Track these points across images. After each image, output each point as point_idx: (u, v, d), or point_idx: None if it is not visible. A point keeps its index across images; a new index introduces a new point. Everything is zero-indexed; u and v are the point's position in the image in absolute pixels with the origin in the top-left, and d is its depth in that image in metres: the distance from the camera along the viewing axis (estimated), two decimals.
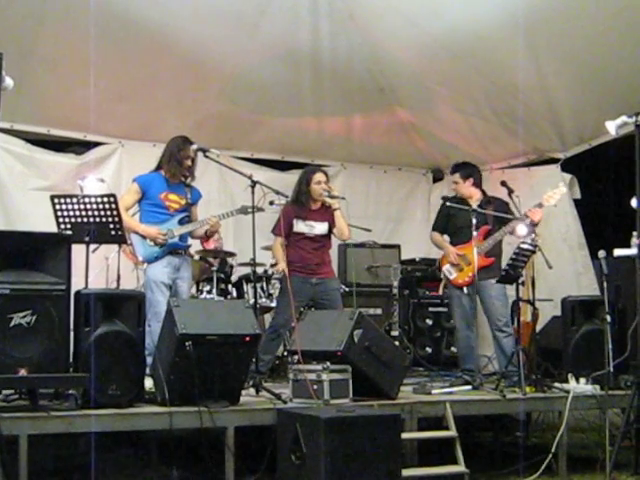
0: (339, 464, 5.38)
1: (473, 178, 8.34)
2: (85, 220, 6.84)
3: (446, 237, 8.45)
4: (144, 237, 7.46)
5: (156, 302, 7.19)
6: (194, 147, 7.49)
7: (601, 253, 7.54)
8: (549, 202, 7.99)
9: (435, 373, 9.16)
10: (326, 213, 8.16)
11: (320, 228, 8.15)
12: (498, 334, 7.98)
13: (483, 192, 8.36)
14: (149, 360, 6.39)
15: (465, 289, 8.08)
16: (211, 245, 9.56)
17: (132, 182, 7.66)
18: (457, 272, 8.13)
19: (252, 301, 7.80)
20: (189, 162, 7.62)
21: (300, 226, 8.10)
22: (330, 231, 8.22)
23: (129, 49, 8.37)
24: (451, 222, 8.35)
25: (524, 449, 6.83)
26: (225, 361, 6.03)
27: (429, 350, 10.26)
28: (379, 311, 9.99)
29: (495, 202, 8.20)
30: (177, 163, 7.57)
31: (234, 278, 9.46)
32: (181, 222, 7.59)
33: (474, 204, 8.14)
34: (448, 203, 8.20)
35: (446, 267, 8.22)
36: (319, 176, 8.17)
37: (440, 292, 8.95)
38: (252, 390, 6.71)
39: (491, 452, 7.69)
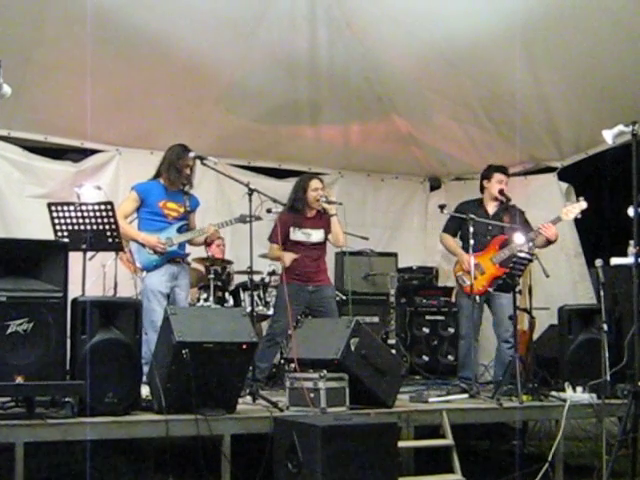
0: (335, 472, 5.37)
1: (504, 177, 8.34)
2: (82, 228, 6.84)
3: (458, 241, 8.42)
4: (143, 245, 7.48)
5: (152, 311, 7.20)
6: (192, 155, 7.51)
7: (598, 262, 7.55)
8: (568, 217, 7.95)
9: (432, 381, 9.14)
10: (321, 220, 8.19)
11: (317, 236, 8.17)
12: (504, 344, 7.98)
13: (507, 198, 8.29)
14: (146, 369, 6.38)
15: (478, 298, 8.05)
16: (214, 251, 9.58)
17: (131, 190, 7.68)
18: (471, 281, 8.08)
19: (249, 309, 7.79)
20: (188, 170, 7.65)
21: (297, 234, 8.12)
22: (326, 238, 8.25)
23: (127, 57, 8.39)
24: (464, 227, 8.18)
25: (521, 458, 6.83)
26: (222, 369, 6.03)
27: (426, 358, 10.23)
28: (376, 319, 9.97)
29: (512, 211, 8.18)
30: (176, 171, 7.59)
31: (231, 286, 9.46)
32: (180, 230, 7.62)
33: (493, 209, 8.13)
34: (472, 215, 7.92)
35: (460, 275, 8.18)
36: (315, 183, 8.20)
37: (453, 299, 8.78)
38: (249, 398, 6.71)
39: (488, 461, 7.69)
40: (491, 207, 8.26)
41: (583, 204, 8.04)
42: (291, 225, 8.12)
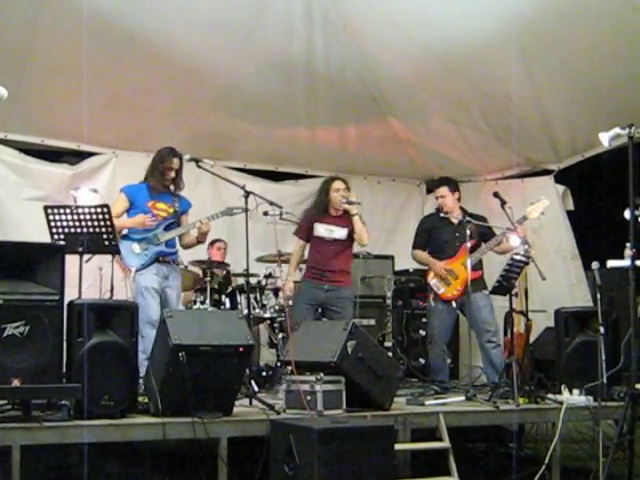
0: (332, 475, 5.37)
1: (458, 192, 8.42)
2: (78, 230, 6.83)
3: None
4: (131, 241, 7.52)
5: (149, 307, 7.27)
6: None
7: (594, 264, 7.54)
8: (533, 215, 8.09)
9: (428, 384, 9.12)
10: (347, 219, 8.25)
11: (339, 233, 8.24)
12: (487, 345, 8.08)
13: (461, 208, 8.43)
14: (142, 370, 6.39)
15: (454, 303, 8.15)
16: (214, 254, 9.59)
17: (120, 192, 7.80)
18: (445, 286, 8.18)
19: (246, 312, 7.79)
20: (172, 174, 7.71)
21: (320, 230, 8.23)
22: (351, 238, 8.30)
23: (123, 59, 8.38)
24: (434, 237, 8.42)
25: (517, 460, 6.82)
26: (218, 372, 6.03)
27: (422, 361, 10.19)
28: (373, 322, 9.95)
29: (476, 218, 8.26)
30: (159, 174, 7.69)
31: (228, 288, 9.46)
32: (167, 228, 7.65)
33: (455, 220, 8.22)
34: (442, 214, 8.26)
35: (434, 282, 8.26)
36: (337, 184, 8.29)
37: (432, 304, 8.80)
38: (245, 400, 6.71)
39: (484, 463, 7.69)
40: (453, 217, 8.32)
41: (546, 202, 8.22)
42: (315, 221, 8.24)
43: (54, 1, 7.67)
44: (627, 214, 6.12)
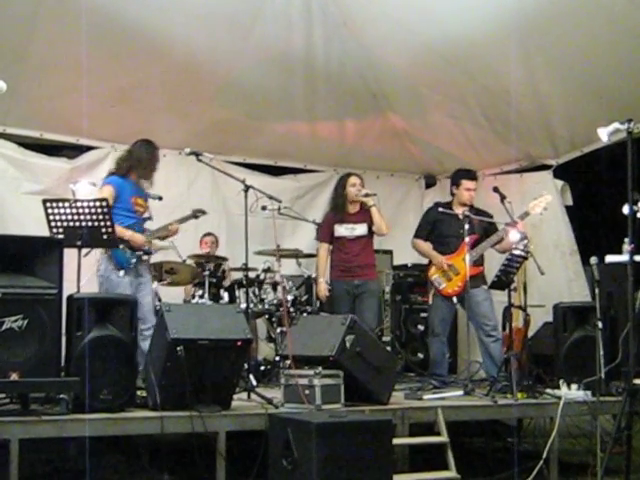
0: (330, 469, 5.37)
1: None
2: (77, 224, 6.80)
3: (428, 244, 8.55)
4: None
5: None
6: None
7: (593, 259, 7.55)
8: (535, 211, 8.10)
9: (427, 379, 9.13)
10: (365, 214, 8.47)
11: (361, 229, 8.48)
12: (486, 339, 8.07)
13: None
14: None
15: (455, 299, 8.16)
16: (206, 249, 9.58)
17: (105, 184, 7.64)
18: (446, 282, 8.18)
19: (244, 306, 7.78)
20: (157, 166, 7.72)
21: (341, 230, 8.49)
22: (371, 231, 8.49)
23: (122, 53, 8.36)
24: (437, 230, 8.42)
25: (515, 455, 6.82)
26: (217, 366, 6.04)
27: (421, 356, 10.23)
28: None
29: (482, 214, 8.29)
30: (151, 168, 7.70)
31: (227, 283, 9.46)
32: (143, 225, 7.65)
33: (462, 215, 8.22)
34: (440, 209, 8.26)
35: (435, 277, 8.26)
36: (353, 179, 8.61)
37: (430, 301, 8.82)
38: (244, 395, 6.71)
39: (482, 458, 7.69)
40: (460, 210, 8.31)
41: (548, 197, 8.24)
42: (335, 222, 8.48)
43: None
44: (626, 209, 6.12)
